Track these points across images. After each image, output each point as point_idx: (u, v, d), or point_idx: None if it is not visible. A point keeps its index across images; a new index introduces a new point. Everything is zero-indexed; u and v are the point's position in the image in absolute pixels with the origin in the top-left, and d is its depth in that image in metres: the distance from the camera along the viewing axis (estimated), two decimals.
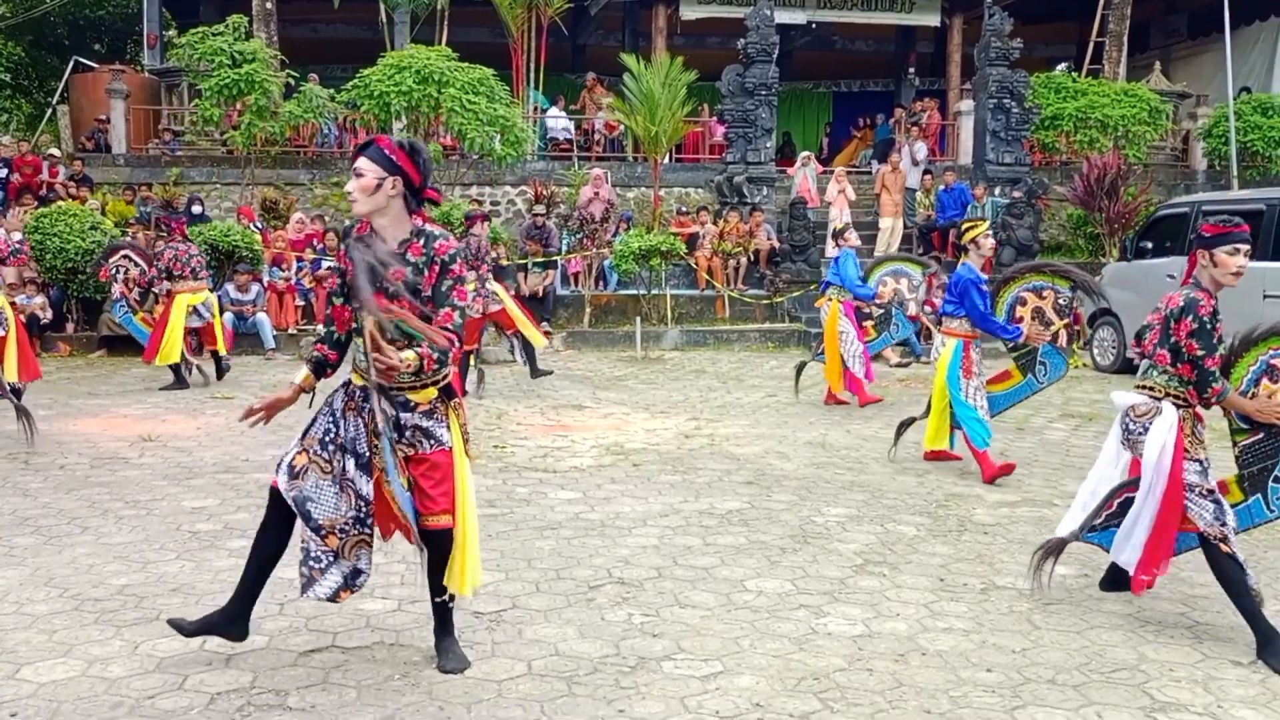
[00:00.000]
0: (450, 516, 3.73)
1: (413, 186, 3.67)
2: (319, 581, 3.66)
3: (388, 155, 3.62)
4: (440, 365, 3.67)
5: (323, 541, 3.65)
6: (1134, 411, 4.45)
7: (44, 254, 13.30)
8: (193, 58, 16.08)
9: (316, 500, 3.65)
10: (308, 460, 3.66)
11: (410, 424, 3.71)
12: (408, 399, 3.69)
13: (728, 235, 16.05)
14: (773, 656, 4.04)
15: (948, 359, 7.17)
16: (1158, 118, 19.15)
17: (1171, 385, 4.37)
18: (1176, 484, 4.24)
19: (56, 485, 6.63)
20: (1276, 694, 3.78)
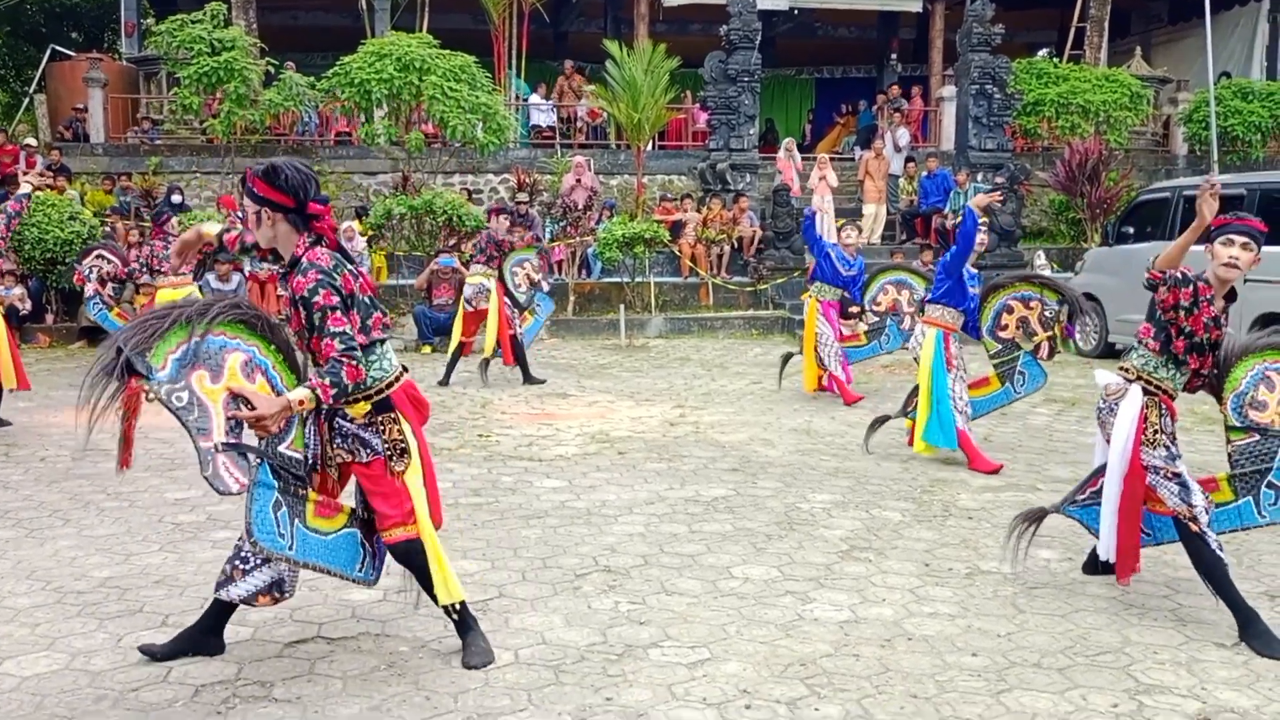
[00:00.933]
0: (409, 528, 3.70)
1: (288, 209, 3.56)
2: (237, 582, 3.64)
3: (253, 189, 3.56)
4: (369, 378, 3.64)
5: (254, 546, 3.57)
6: (1105, 390, 4.46)
7: (22, 244, 13.18)
8: (171, 46, 15.95)
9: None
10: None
11: (349, 432, 3.69)
12: (344, 411, 3.68)
13: (711, 222, 16.03)
14: (759, 643, 4.04)
15: (931, 350, 7.09)
16: (1138, 103, 19.21)
17: (1147, 369, 4.36)
18: (1136, 468, 4.27)
19: (37, 477, 6.58)
20: (1259, 675, 3.81)
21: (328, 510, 3.67)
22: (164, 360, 3.26)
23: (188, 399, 3.26)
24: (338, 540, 3.66)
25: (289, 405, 3.34)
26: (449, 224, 14.63)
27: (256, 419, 3.28)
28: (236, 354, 3.41)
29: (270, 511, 3.43)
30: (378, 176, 17.74)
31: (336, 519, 3.69)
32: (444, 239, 14.51)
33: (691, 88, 19.50)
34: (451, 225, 14.58)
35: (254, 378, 3.42)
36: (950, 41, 19.79)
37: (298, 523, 3.51)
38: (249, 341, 3.47)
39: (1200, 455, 7.03)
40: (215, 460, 3.27)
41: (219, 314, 3.38)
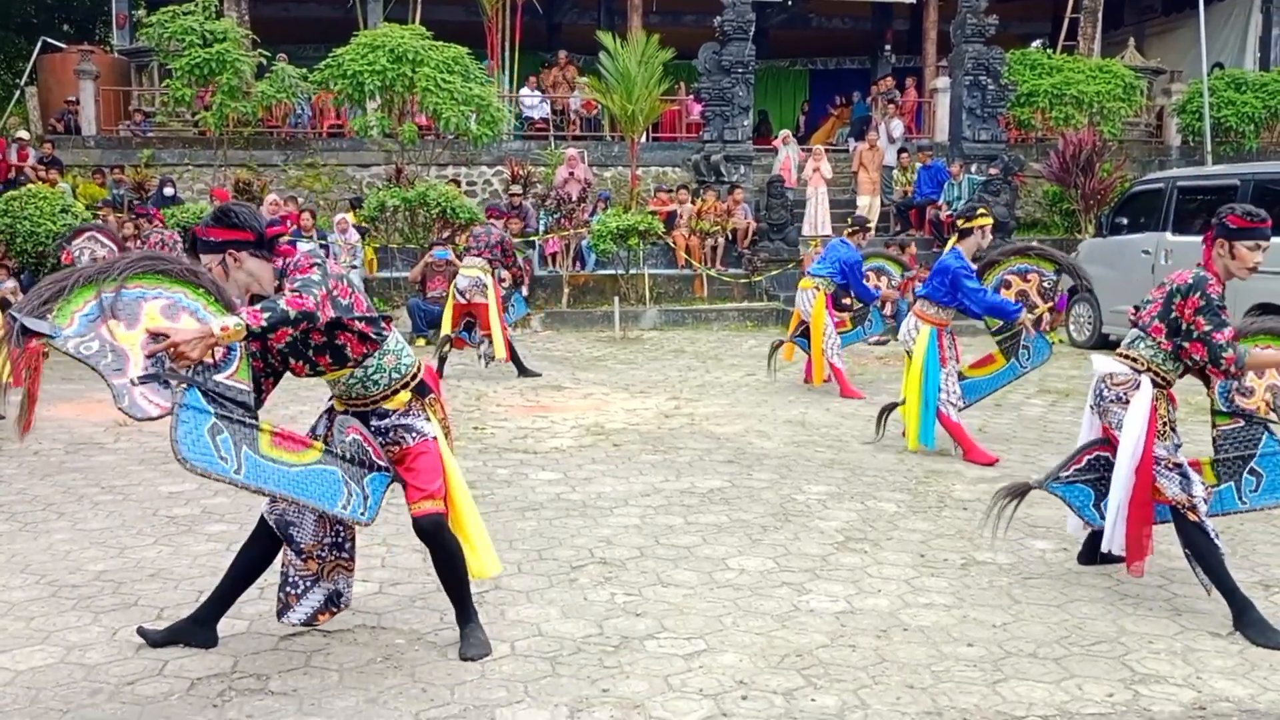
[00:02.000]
0: (437, 501, 3.71)
1: (251, 243, 3.52)
2: (294, 608, 3.78)
3: (208, 239, 3.51)
4: (403, 365, 3.70)
5: (304, 565, 3.75)
6: (1111, 379, 4.43)
7: (14, 238, 13.14)
8: (162, 37, 15.87)
9: (299, 525, 3.75)
10: None
11: (389, 425, 3.72)
12: (383, 409, 3.72)
13: (705, 214, 16.02)
14: (755, 634, 4.05)
15: (924, 347, 7.00)
16: (1132, 94, 19.22)
17: (1155, 361, 4.36)
18: (1149, 460, 4.26)
19: (31, 471, 6.56)
20: (1254, 665, 3.82)
21: (290, 444, 3.52)
22: (70, 318, 3.17)
23: (98, 347, 3.14)
24: (308, 474, 3.49)
25: (209, 332, 3.17)
26: (442, 216, 14.59)
27: (172, 345, 3.13)
28: (156, 301, 3.27)
29: (206, 434, 3.27)
30: (371, 169, 17.70)
31: (304, 454, 3.53)
32: (438, 231, 14.48)
33: (685, 79, 19.47)
34: (445, 218, 14.55)
35: (178, 318, 3.28)
36: (944, 33, 19.79)
37: (246, 449, 3.34)
38: (171, 288, 3.32)
39: (1195, 445, 7.04)
40: (130, 392, 3.15)
41: (127, 269, 3.24)
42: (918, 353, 7.02)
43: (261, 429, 3.45)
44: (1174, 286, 4.29)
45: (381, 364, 3.68)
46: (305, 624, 3.81)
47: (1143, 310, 4.46)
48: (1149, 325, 4.38)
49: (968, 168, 16.84)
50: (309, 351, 3.61)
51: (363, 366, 3.66)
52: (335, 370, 3.66)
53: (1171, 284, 4.32)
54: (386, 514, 5.59)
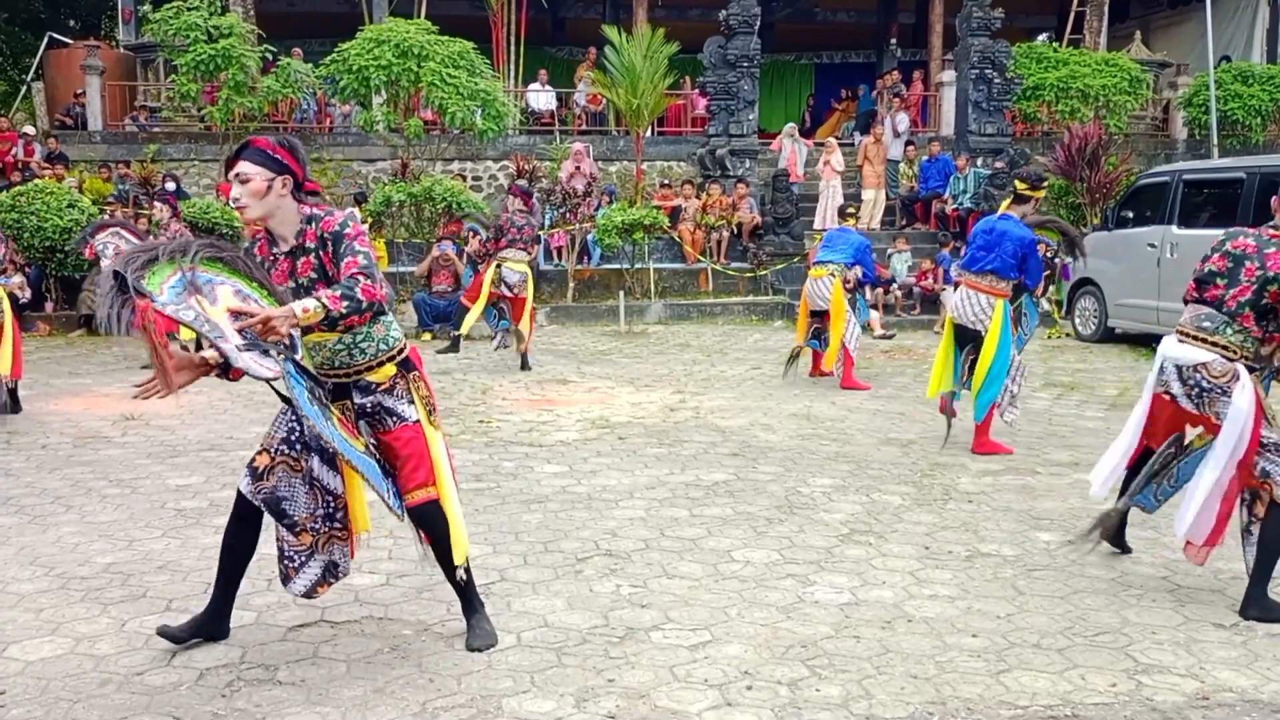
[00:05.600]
0: (429, 489, 3.71)
1: (298, 182, 3.60)
2: (295, 579, 3.69)
3: (273, 156, 3.54)
4: (391, 338, 3.67)
5: (296, 539, 3.66)
6: (1207, 370, 4.24)
7: (21, 233, 13.18)
8: (168, 33, 15.89)
9: (290, 498, 3.64)
10: (271, 460, 3.61)
11: (372, 405, 3.69)
12: (367, 381, 3.67)
13: (710, 208, 16.02)
14: (760, 625, 4.06)
15: (1001, 320, 6.79)
16: (1138, 87, 19.17)
17: (1246, 346, 4.22)
18: (1254, 447, 4.15)
19: (39, 465, 6.60)
20: (1258, 655, 3.83)
21: (350, 430, 3.62)
22: (160, 288, 3.21)
23: (194, 315, 3.19)
24: (366, 458, 3.59)
25: (293, 312, 3.25)
26: (448, 211, 14.61)
27: (264, 320, 3.20)
28: (225, 286, 3.35)
29: (310, 399, 3.40)
30: (376, 164, 17.72)
31: (358, 441, 3.62)
32: (444, 226, 14.50)
33: (690, 73, 19.45)
34: (451, 212, 14.57)
35: (247, 304, 3.36)
36: (950, 26, 19.75)
37: (331, 422, 3.47)
38: (232, 278, 3.39)
39: None
40: (241, 355, 3.20)
41: (199, 251, 3.31)
42: (996, 327, 6.79)
43: (331, 408, 3.56)
44: (1269, 274, 4.12)
45: (371, 332, 3.64)
46: (306, 596, 3.72)
47: (1207, 290, 4.28)
48: (1238, 312, 4.20)
49: (973, 161, 16.81)
50: None
51: (352, 333, 3.59)
52: (325, 333, 3.54)
53: (1264, 268, 4.14)
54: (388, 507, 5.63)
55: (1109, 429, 7.78)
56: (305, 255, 3.58)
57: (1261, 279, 4.16)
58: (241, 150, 3.55)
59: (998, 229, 6.90)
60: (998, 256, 6.84)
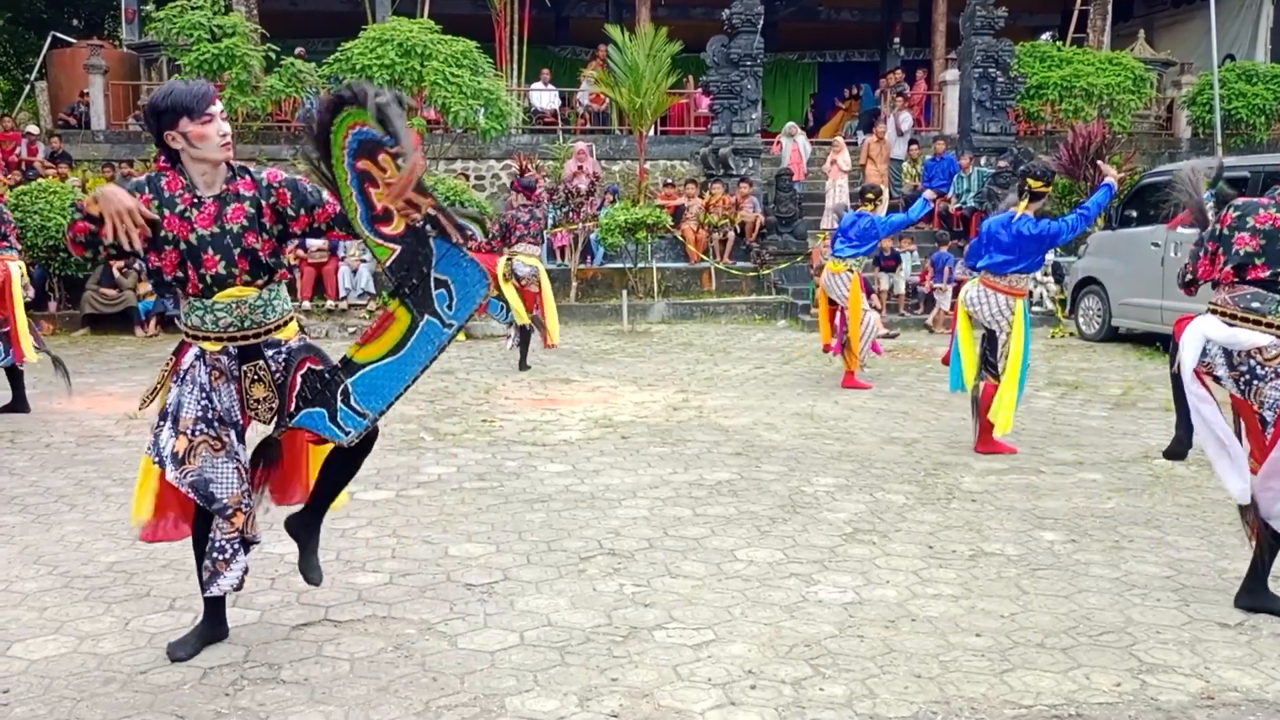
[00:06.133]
0: None
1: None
2: (224, 574, 3.58)
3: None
4: (281, 289, 3.69)
5: (229, 524, 3.54)
6: (1263, 354, 4.07)
7: (25, 232, 13.17)
8: (171, 32, 15.90)
9: (218, 480, 3.54)
10: (190, 442, 3.51)
11: (287, 351, 3.63)
12: (276, 339, 3.64)
13: (713, 208, 16.01)
14: (764, 624, 4.06)
15: (1024, 321, 6.80)
16: (1142, 86, 19.14)
17: None
18: None
19: (43, 463, 6.60)
20: (1262, 655, 3.82)
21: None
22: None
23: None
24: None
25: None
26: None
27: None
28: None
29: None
30: None
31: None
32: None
33: (694, 72, 19.44)
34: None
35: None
36: (953, 25, 19.73)
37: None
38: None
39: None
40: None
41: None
42: (1020, 326, 6.78)
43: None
44: None
45: (280, 290, 3.65)
46: (237, 588, 3.64)
47: (1268, 271, 4.07)
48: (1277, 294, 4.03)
49: (977, 160, 16.79)
50: (239, 250, 3.51)
51: (271, 289, 3.59)
52: (246, 288, 3.53)
53: None
54: (395, 505, 5.64)
55: (1113, 428, 7.79)
56: (237, 202, 3.54)
57: None
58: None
59: (1020, 231, 6.79)
60: (1022, 259, 6.83)
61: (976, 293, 7.01)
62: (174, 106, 3.47)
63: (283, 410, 3.62)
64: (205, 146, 3.50)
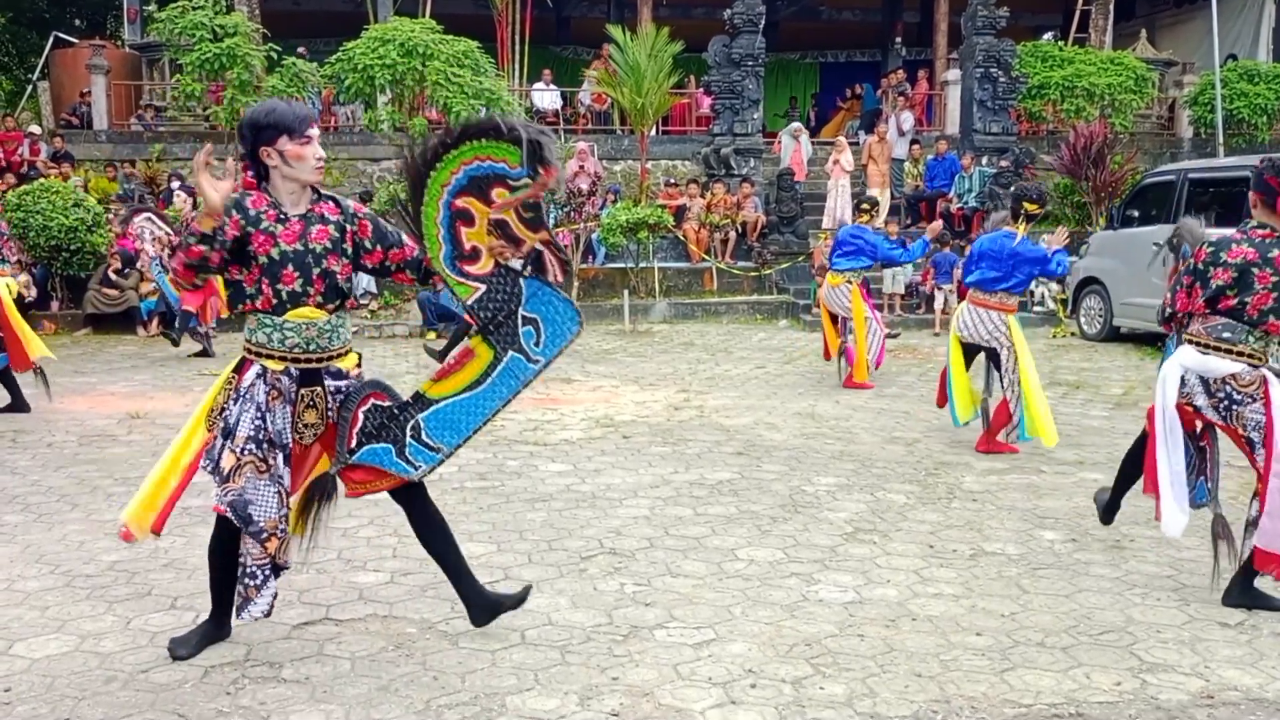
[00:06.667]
0: None
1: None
2: (255, 601, 3.55)
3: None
4: (347, 316, 3.72)
5: (262, 549, 3.51)
6: (1237, 381, 4.21)
7: (27, 232, 13.20)
8: (173, 32, 15.93)
9: (257, 502, 3.51)
10: (237, 461, 3.48)
11: (347, 386, 3.66)
12: (337, 367, 3.66)
13: (715, 207, 16.01)
14: (764, 624, 4.06)
15: (1022, 336, 6.92)
16: (1144, 86, 19.14)
17: (1267, 351, 4.24)
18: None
19: (45, 463, 6.61)
20: (1263, 654, 3.82)
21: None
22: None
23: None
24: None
25: None
26: None
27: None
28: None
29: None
30: (381, 163, 17.74)
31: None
32: None
33: (695, 72, 19.45)
34: None
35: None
36: (955, 25, 19.74)
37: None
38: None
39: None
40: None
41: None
42: (1024, 348, 6.86)
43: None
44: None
45: (346, 318, 3.69)
46: (266, 615, 3.60)
47: (1236, 301, 4.21)
48: (1261, 321, 4.19)
49: (979, 160, 16.79)
50: (319, 270, 3.55)
51: (340, 314, 3.63)
52: (319, 310, 3.55)
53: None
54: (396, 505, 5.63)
55: (1114, 428, 7.78)
56: (322, 224, 3.58)
57: (1278, 284, 4.14)
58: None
59: (1010, 251, 6.94)
60: (1009, 277, 6.96)
61: (969, 314, 7.09)
62: (276, 124, 3.49)
63: (343, 445, 3.64)
64: (300, 167, 3.53)
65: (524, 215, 3.47)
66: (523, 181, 3.39)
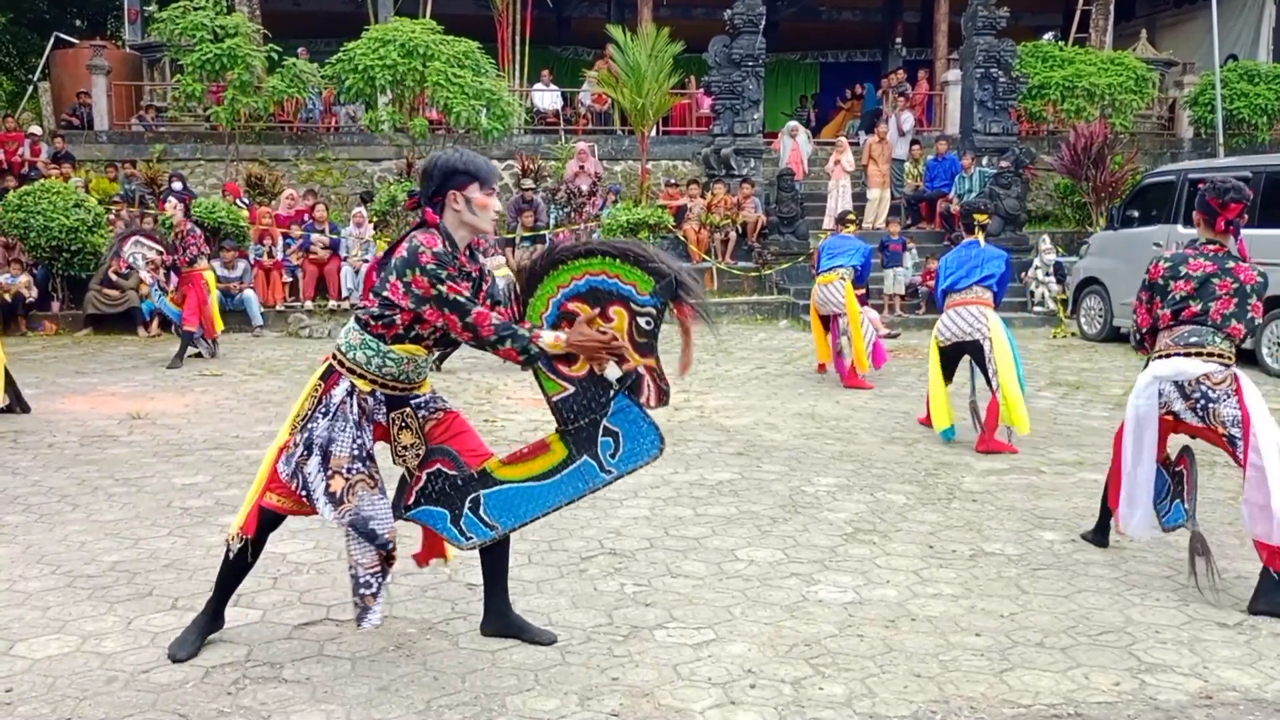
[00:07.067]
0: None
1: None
2: (373, 609, 3.54)
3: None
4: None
5: (372, 562, 3.53)
6: (1210, 380, 4.38)
7: (28, 232, 13.21)
8: (174, 32, 15.94)
9: (378, 516, 3.52)
10: (346, 481, 3.50)
11: (424, 401, 3.73)
12: (417, 393, 3.73)
13: (715, 208, 16.02)
14: (764, 624, 4.07)
15: (1004, 333, 6.99)
16: (1144, 86, 19.14)
17: (1232, 353, 4.44)
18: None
19: (46, 463, 6.62)
20: (1261, 655, 3.83)
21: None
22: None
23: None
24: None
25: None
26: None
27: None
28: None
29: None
30: (382, 163, 17.76)
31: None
32: None
33: (695, 72, 19.46)
34: None
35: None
36: (955, 25, 19.75)
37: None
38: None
39: None
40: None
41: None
42: (1002, 339, 6.95)
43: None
44: (1248, 286, 4.40)
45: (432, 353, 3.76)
46: (379, 625, 3.57)
47: (1199, 309, 4.44)
48: (1224, 325, 4.41)
49: (979, 160, 16.79)
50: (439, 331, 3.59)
51: (433, 352, 3.71)
52: (430, 348, 3.64)
53: (1242, 283, 4.40)
54: None
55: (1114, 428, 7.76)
56: (480, 277, 3.65)
57: (1240, 291, 4.39)
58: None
59: (976, 253, 7.28)
60: (982, 269, 7.18)
61: (946, 318, 7.23)
62: (472, 172, 3.54)
63: (400, 500, 3.69)
64: (483, 216, 3.56)
65: (636, 338, 3.52)
66: (647, 309, 3.46)
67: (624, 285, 3.46)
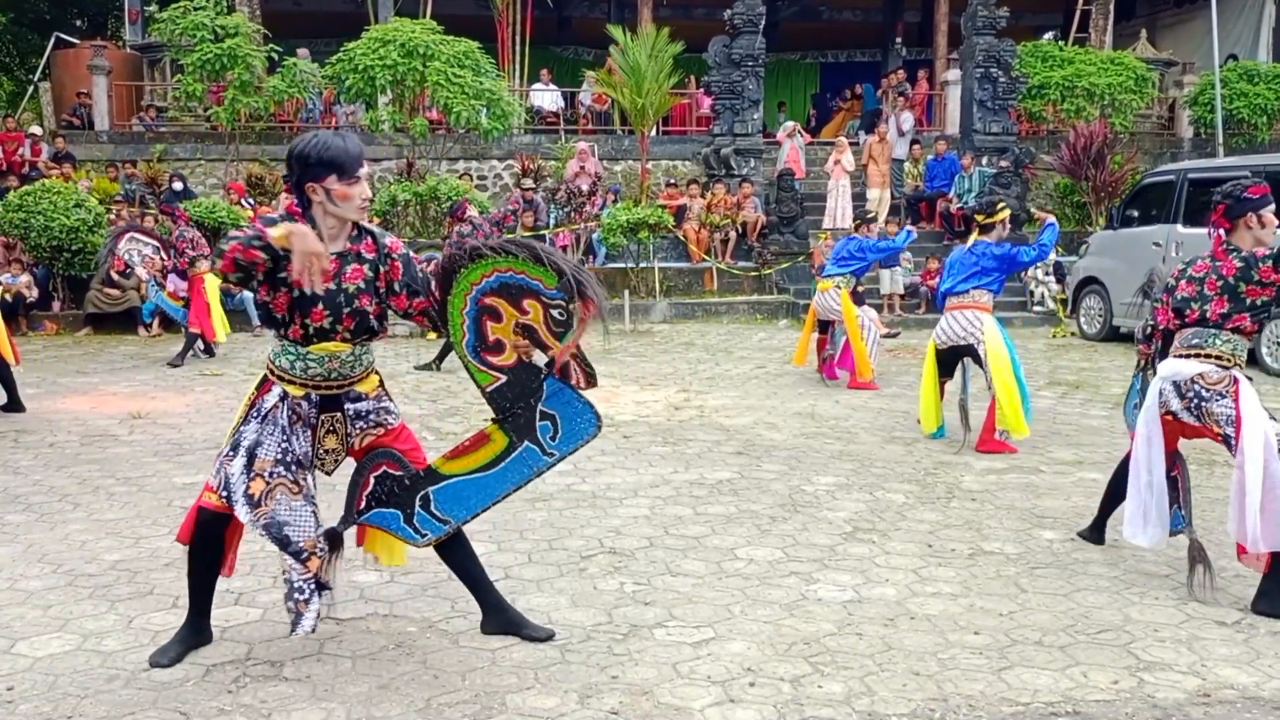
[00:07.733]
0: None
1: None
2: (305, 615, 3.52)
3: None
4: (372, 343, 3.71)
5: (304, 567, 3.51)
6: (1204, 379, 4.38)
7: (29, 232, 13.23)
8: (174, 33, 15.96)
9: (294, 523, 3.48)
10: (266, 485, 3.46)
11: (368, 409, 3.69)
12: (358, 391, 3.67)
13: (715, 208, 16.03)
14: (764, 623, 4.08)
15: (1000, 335, 6.97)
16: (1144, 86, 19.15)
17: (1236, 353, 4.40)
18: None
19: (47, 463, 6.63)
20: (1259, 653, 3.84)
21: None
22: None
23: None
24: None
25: None
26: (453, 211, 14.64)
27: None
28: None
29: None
30: (382, 163, 17.76)
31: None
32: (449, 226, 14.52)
33: (695, 72, 19.48)
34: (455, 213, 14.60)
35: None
36: (955, 25, 19.76)
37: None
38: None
39: None
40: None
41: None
42: (997, 343, 6.93)
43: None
44: (1230, 279, 4.35)
45: (370, 346, 3.69)
46: (313, 631, 3.56)
47: (1199, 311, 4.42)
48: (1225, 324, 4.38)
49: (979, 160, 16.81)
50: (349, 310, 3.53)
51: (365, 345, 3.63)
52: (342, 344, 3.55)
53: (1224, 278, 4.37)
54: None
55: (1113, 428, 7.79)
56: (358, 263, 3.55)
57: (1227, 286, 4.38)
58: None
59: (980, 252, 7.13)
60: (984, 274, 7.08)
61: (945, 321, 7.21)
62: (327, 162, 3.44)
63: (351, 507, 3.69)
64: (345, 206, 3.50)
65: (552, 327, 3.51)
66: (556, 301, 3.46)
67: (531, 280, 3.48)
